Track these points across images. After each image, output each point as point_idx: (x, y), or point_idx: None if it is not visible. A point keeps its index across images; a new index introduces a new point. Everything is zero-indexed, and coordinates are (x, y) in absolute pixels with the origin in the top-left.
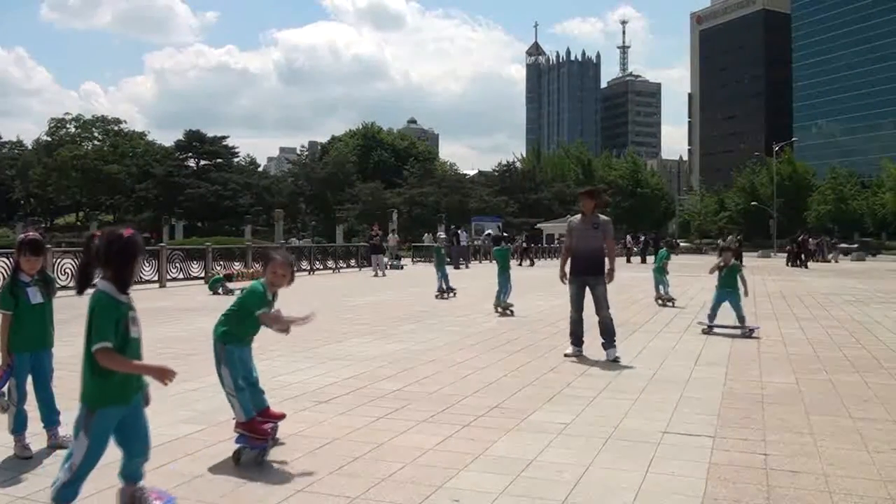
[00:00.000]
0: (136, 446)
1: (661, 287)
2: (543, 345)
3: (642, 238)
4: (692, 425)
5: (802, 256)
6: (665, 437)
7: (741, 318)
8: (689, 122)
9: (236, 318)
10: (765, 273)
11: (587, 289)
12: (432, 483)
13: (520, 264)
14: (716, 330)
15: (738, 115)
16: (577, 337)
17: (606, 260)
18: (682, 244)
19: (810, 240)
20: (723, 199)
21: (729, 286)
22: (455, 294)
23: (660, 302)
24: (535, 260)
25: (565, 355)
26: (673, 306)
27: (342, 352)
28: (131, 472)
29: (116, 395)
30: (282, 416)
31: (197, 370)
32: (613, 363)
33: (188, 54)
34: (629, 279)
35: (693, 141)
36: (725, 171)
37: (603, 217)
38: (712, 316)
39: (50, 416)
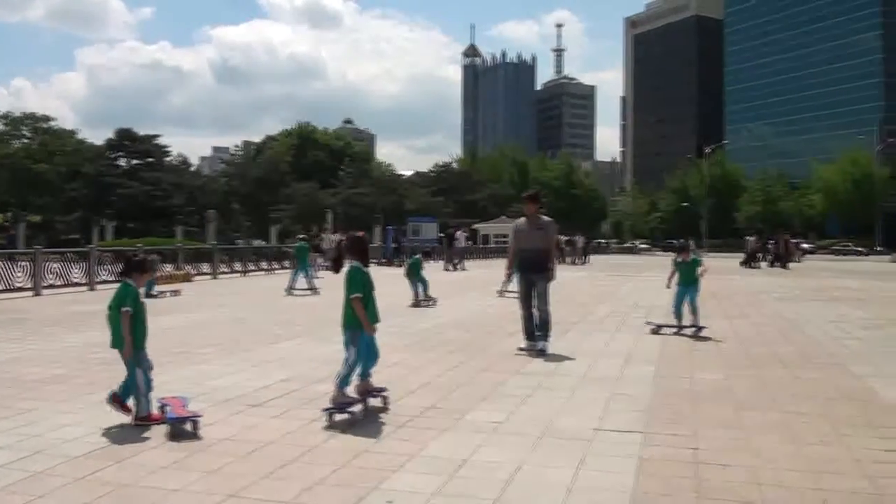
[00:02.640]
0: (372, 357)
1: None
2: (478, 345)
3: (566, 239)
4: (623, 422)
5: (782, 257)
6: (597, 434)
7: (696, 314)
8: (623, 124)
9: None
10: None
11: (533, 286)
12: (366, 485)
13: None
14: (664, 330)
15: (671, 117)
16: (529, 332)
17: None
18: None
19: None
20: (655, 200)
21: (690, 282)
22: (434, 303)
23: (498, 294)
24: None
25: (519, 349)
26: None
27: (276, 354)
28: (365, 371)
29: (364, 326)
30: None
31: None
32: (548, 361)
33: (121, 50)
34: (565, 279)
35: (626, 143)
36: (658, 172)
37: (546, 218)
38: (677, 315)
39: None
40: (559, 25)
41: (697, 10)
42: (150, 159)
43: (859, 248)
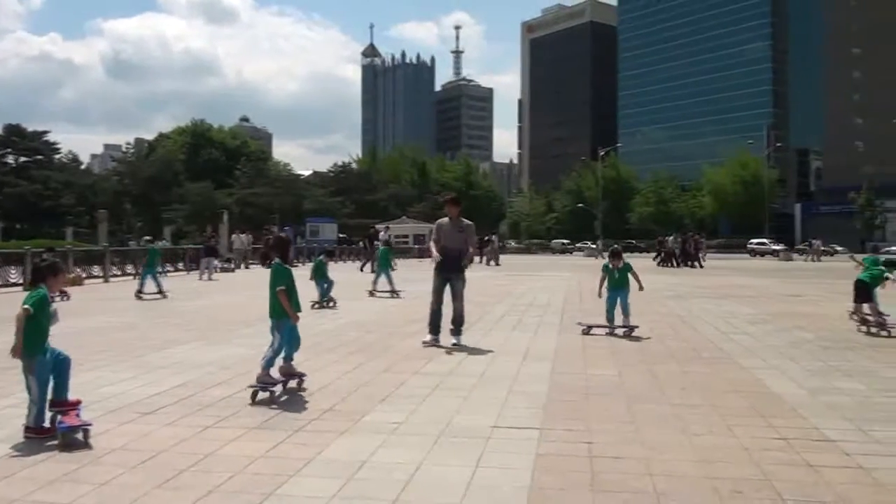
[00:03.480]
0: (294, 342)
1: (380, 280)
2: (378, 346)
3: (485, 238)
4: (520, 419)
5: (692, 257)
6: (494, 432)
7: (627, 315)
8: (520, 126)
9: None
10: (592, 272)
11: (448, 283)
12: (262, 491)
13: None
14: (594, 330)
15: (567, 120)
16: (434, 326)
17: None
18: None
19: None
20: (551, 201)
21: (621, 286)
22: (335, 304)
23: (369, 294)
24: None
25: (423, 342)
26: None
27: (170, 359)
28: (288, 355)
29: (289, 314)
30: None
31: (13, 385)
32: (447, 361)
33: (9, 41)
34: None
35: (523, 145)
36: (554, 174)
37: (466, 221)
38: (610, 318)
39: None
40: (457, 27)
41: (592, 17)
42: (39, 157)
43: (837, 248)
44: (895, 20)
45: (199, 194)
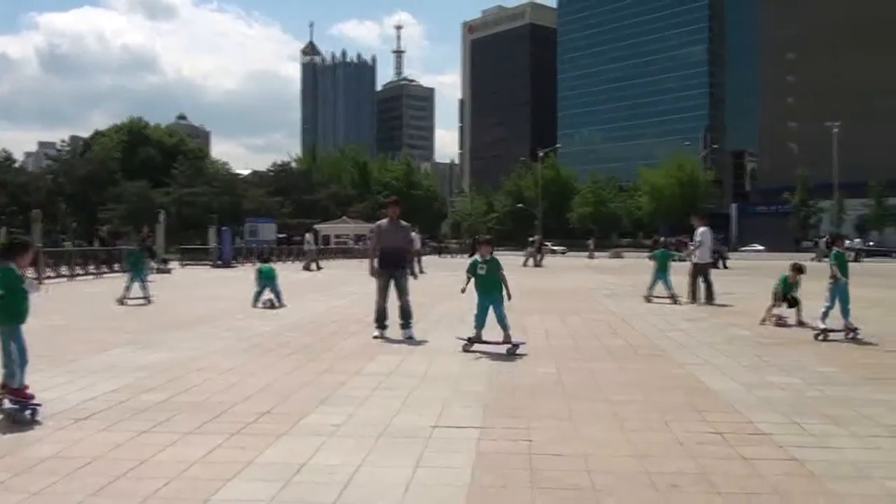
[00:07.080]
0: (499, 316)
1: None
2: (319, 346)
3: (529, 240)
4: (461, 418)
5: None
6: (435, 432)
7: (846, 315)
8: (461, 126)
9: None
10: (532, 271)
11: (392, 280)
12: (198, 497)
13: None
14: (832, 335)
15: (507, 121)
16: (381, 321)
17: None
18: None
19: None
20: (491, 201)
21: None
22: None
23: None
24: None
25: (373, 337)
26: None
27: (104, 363)
28: (503, 327)
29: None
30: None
31: None
32: (391, 357)
33: None
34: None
35: (464, 145)
36: (494, 174)
37: (405, 222)
38: (827, 313)
39: None
40: (399, 27)
41: (532, 19)
42: None
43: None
44: (828, 26)
45: (135, 194)
